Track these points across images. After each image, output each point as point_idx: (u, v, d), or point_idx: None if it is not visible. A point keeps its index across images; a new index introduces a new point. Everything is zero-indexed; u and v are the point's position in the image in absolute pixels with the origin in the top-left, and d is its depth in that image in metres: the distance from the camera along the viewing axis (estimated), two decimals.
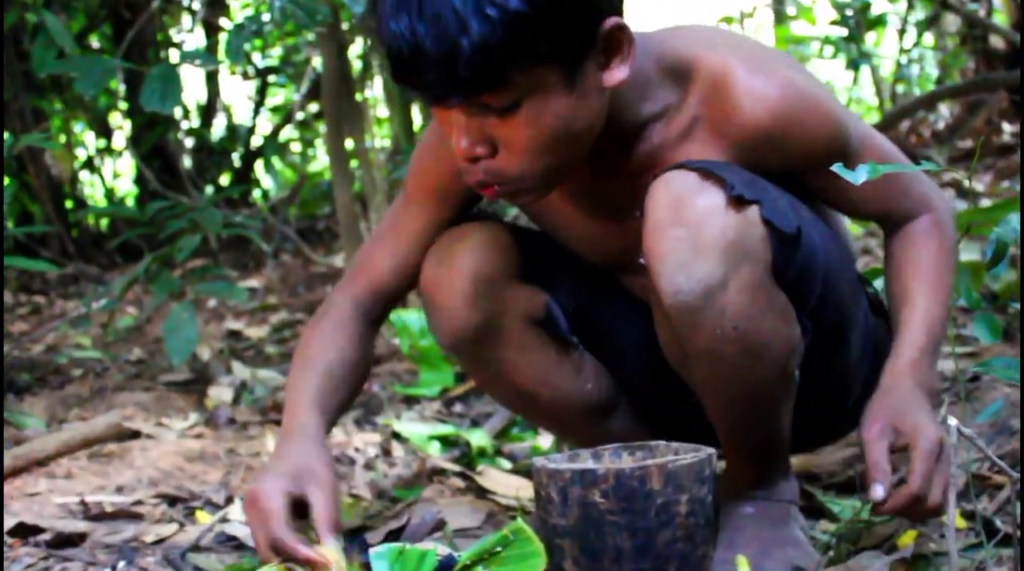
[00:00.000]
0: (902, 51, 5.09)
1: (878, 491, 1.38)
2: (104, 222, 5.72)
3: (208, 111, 6.07)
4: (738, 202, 1.35)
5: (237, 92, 6.53)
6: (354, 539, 1.35)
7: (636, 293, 1.67)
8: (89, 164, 5.62)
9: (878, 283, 1.71)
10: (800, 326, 1.46)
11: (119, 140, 5.64)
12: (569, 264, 1.68)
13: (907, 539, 1.57)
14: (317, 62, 4.52)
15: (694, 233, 1.34)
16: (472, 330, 1.57)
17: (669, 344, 1.49)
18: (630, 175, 1.50)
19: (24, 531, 1.85)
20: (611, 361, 1.71)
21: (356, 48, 4.57)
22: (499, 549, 1.30)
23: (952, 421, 1.25)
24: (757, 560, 1.49)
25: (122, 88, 5.39)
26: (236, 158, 6.01)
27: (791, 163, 1.47)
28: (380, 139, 5.59)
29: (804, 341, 1.47)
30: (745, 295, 1.36)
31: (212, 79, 5.94)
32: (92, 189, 6.12)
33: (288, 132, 6.21)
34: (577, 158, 1.43)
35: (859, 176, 1.19)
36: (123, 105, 5.53)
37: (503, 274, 1.59)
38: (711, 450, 1.34)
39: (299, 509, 1.40)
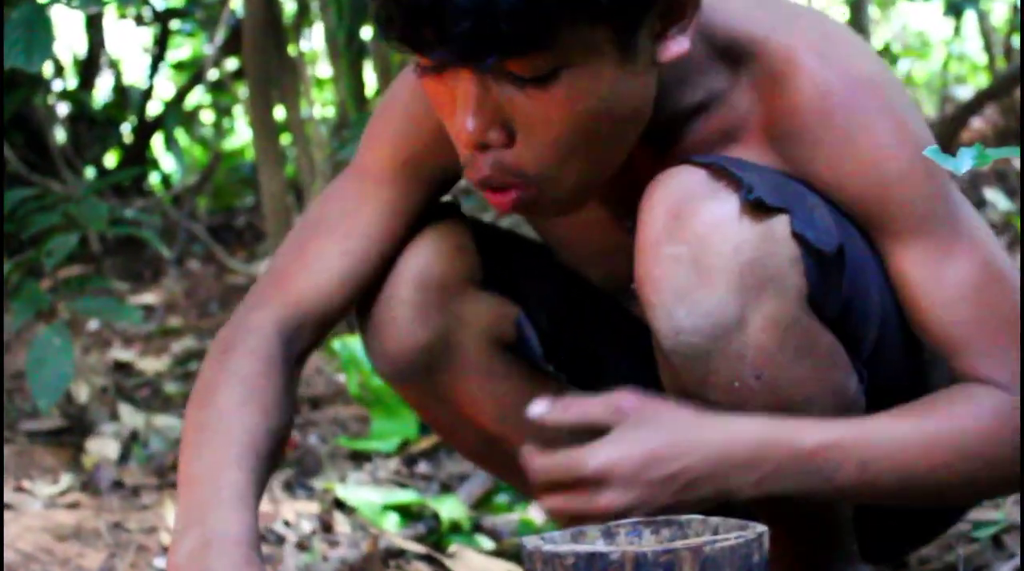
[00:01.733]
0: None
1: (537, 407, 1.42)
2: None
3: (89, 67, 6.06)
4: (759, 209, 1.35)
5: (128, 43, 6.53)
6: None
7: (645, 319, 1.68)
8: None
9: None
10: (856, 375, 1.46)
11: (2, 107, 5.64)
12: (546, 272, 1.68)
13: None
14: (236, 3, 4.53)
15: (698, 251, 1.34)
16: (420, 352, 1.58)
17: (676, 396, 1.49)
18: (654, 176, 1.50)
19: None
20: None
21: None
22: None
23: None
24: None
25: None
26: (126, 131, 6.00)
27: (852, 199, 1.44)
28: (321, 107, 5.60)
29: (862, 394, 1.47)
30: (771, 334, 1.37)
31: (94, 24, 5.94)
32: None
33: (197, 97, 6.21)
34: (618, 155, 1.42)
35: (962, 163, 1.18)
36: None
37: (460, 280, 1.60)
38: (762, 528, 1.33)
39: None
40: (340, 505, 2.54)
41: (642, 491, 1.40)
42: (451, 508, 2.39)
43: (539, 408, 1.43)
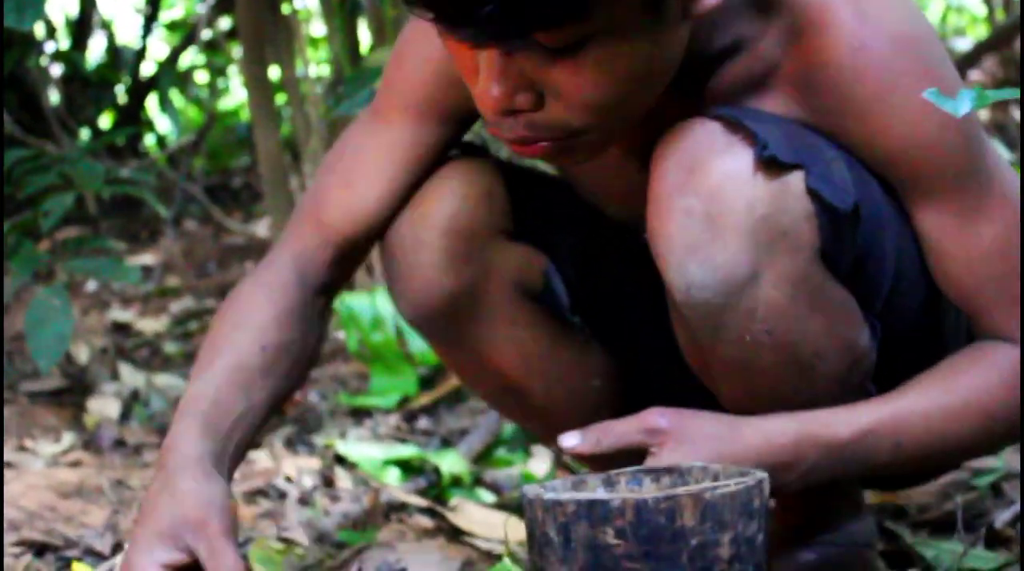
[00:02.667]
0: None
1: (570, 439, 1.42)
2: None
3: (81, 28, 6.04)
4: (773, 165, 1.34)
5: (120, 3, 6.51)
6: None
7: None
8: None
9: None
10: (869, 328, 1.47)
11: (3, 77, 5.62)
12: (575, 219, 1.68)
13: None
14: None
15: (711, 206, 1.33)
16: (445, 299, 1.58)
17: (689, 350, 1.50)
18: (680, 120, 1.49)
19: None
20: (625, 352, 1.73)
21: None
22: None
23: None
24: None
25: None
26: (120, 92, 5.99)
27: (875, 155, 1.44)
28: (316, 66, 5.58)
29: (873, 349, 1.48)
30: (783, 290, 1.37)
31: None
32: None
33: (191, 57, 6.19)
34: (647, 106, 1.40)
35: (960, 106, 1.18)
36: None
37: (488, 227, 1.60)
38: (762, 474, 1.34)
39: None
40: (341, 461, 2.55)
41: None
42: (452, 462, 2.40)
43: (571, 440, 1.43)
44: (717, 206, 1.33)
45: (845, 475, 1.48)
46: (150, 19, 6.00)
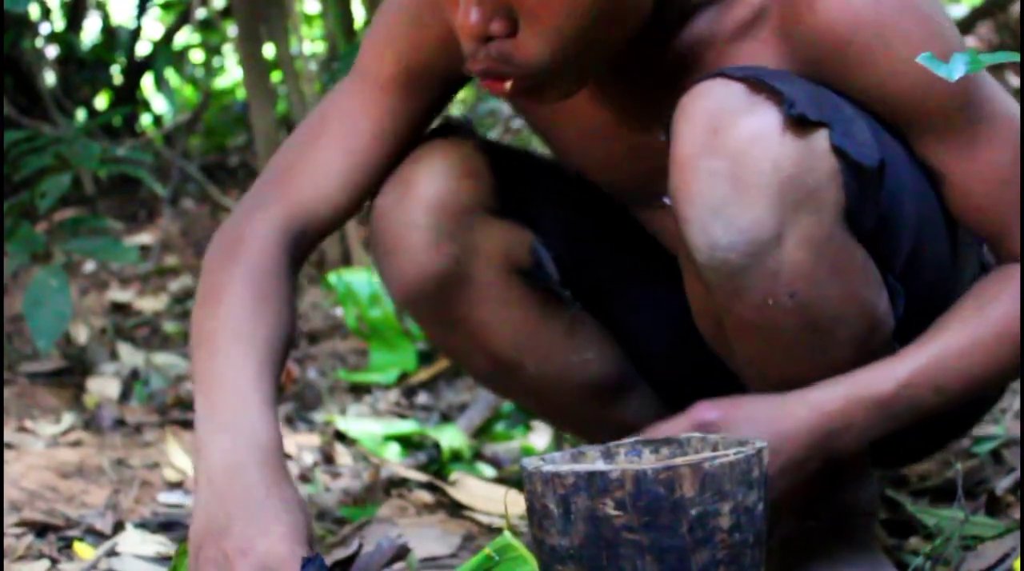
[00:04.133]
0: None
1: None
2: None
3: (76, 9, 6.03)
4: (799, 124, 1.33)
5: None
6: (309, 562, 1.35)
7: (659, 237, 1.67)
8: None
9: None
10: (888, 292, 1.46)
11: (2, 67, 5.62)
12: (562, 195, 1.68)
13: None
14: None
15: (736, 166, 1.32)
16: (435, 279, 1.58)
17: (703, 313, 1.49)
18: (667, 74, 1.49)
19: None
20: (617, 325, 1.72)
21: None
22: None
23: None
24: None
25: None
26: (116, 72, 5.98)
27: (876, 103, 1.44)
28: (310, 43, 5.58)
29: (895, 312, 1.47)
30: (806, 252, 1.36)
31: None
32: None
33: (186, 36, 6.19)
34: (618, 42, 1.41)
35: (954, 69, 1.18)
36: None
37: (475, 206, 1.59)
38: (761, 443, 1.34)
39: None
40: (341, 437, 2.56)
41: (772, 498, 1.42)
42: (451, 437, 2.40)
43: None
44: (742, 167, 1.32)
45: (896, 428, 1.48)
46: None
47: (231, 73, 6.53)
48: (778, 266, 1.35)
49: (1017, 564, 1.58)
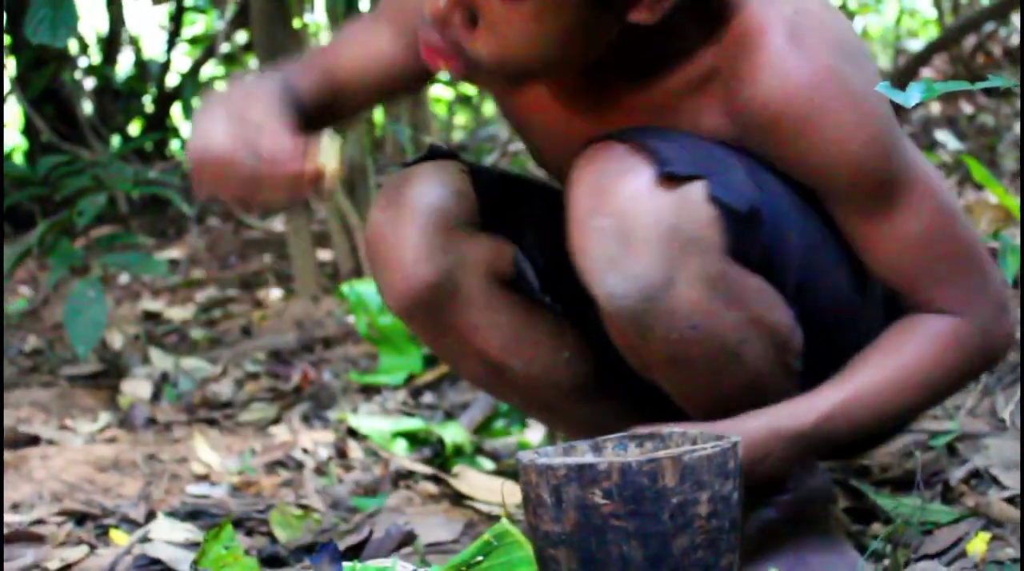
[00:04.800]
0: None
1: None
2: None
3: (111, 44, 6.03)
4: (673, 180, 1.36)
5: (146, 20, 6.49)
6: (323, 548, 1.36)
7: None
8: None
9: None
10: (789, 308, 1.48)
11: (2, 82, 5.61)
12: (540, 210, 1.68)
13: (979, 543, 1.59)
14: None
15: (622, 222, 1.35)
16: (425, 289, 1.58)
17: (627, 353, 1.50)
18: (627, 110, 1.50)
19: None
20: (594, 327, 1.72)
21: None
22: (480, 559, 1.31)
23: None
24: (790, 570, 1.51)
25: (3, 17, 5.36)
26: (148, 101, 5.98)
27: (803, 175, 1.45)
28: None
29: (798, 327, 1.49)
30: (698, 289, 1.38)
31: (114, 4, 5.90)
32: None
33: (211, 68, 6.18)
34: (559, 73, 1.45)
35: (910, 97, 1.18)
36: (5, 39, 5.50)
37: (461, 223, 1.60)
38: (736, 438, 1.35)
39: None
40: (353, 433, 2.55)
41: None
42: (454, 433, 2.39)
43: None
44: (627, 222, 1.35)
45: (811, 457, 1.51)
46: (174, 35, 5.99)
47: None
48: (674, 305, 1.37)
49: (970, 546, 1.59)
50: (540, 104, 1.59)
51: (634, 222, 1.34)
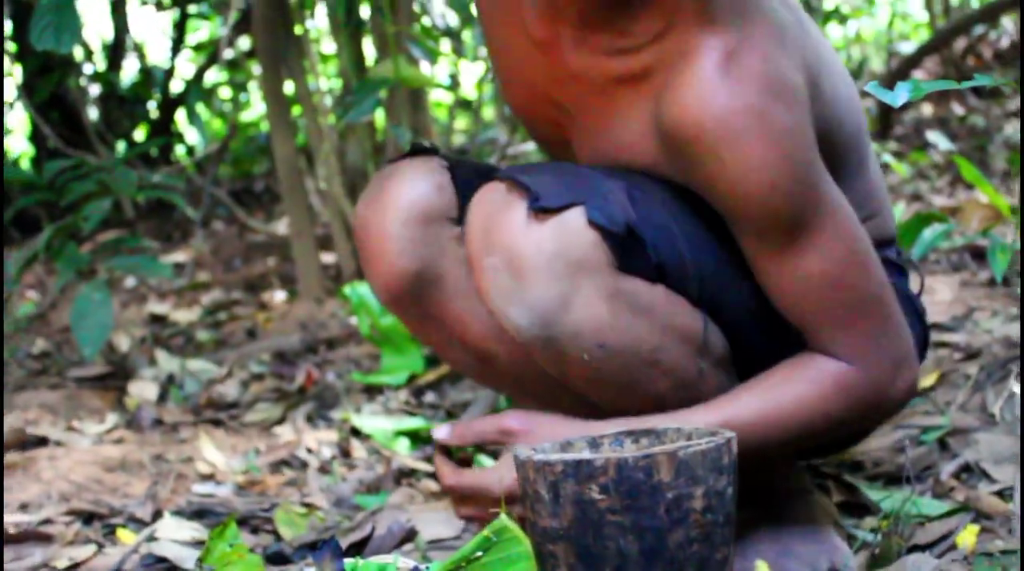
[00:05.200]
0: None
1: (441, 431, 1.56)
2: None
3: (116, 51, 6.04)
4: (547, 212, 1.38)
5: (150, 27, 6.50)
6: (325, 544, 1.36)
7: None
8: None
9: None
10: (702, 317, 1.49)
11: (8, 89, 5.61)
12: None
13: (968, 536, 1.59)
14: None
15: (509, 257, 1.39)
16: (410, 279, 1.61)
17: (559, 378, 1.52)
18: (574, 73, 1.51)
19: None
20: None
21: None
22: (479, 554, 1.31)
23: (1019, 390, 1.27)
24: (778, 562, 1.52)
25: (8, 25, 5.36)
26: (152, 107, 5.99)
27: (711, 199, 1.44)
28: (326, 80, 5.58)
29: (715, 329, 1.49)
30: (598, 307, 1.40)
31: (119, 11, 5.91)
32: None
33: (214, 74, 6.19)
34: None
35: (898, 96, 1.18)
36: (11, 46, 5.50)
37: (442, 215, 1.62)
38: (730, 434, 1.35)
39: None
40: (356, 433, 2.56)
41: None
42: None
43: (441, 433, 1.57)
44: (512, 257, 1.38)
45: None
46: (177, 41, 6.00)
47: (255, 107, 6.53)
48: (577, 327, 1.40)
49: (959, 539, 1.59)
50: (515, 40, 1.58)
51: (519, 254, 1.38)
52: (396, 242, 1.59)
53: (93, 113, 5.61)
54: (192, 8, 5.87)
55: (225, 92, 6.47)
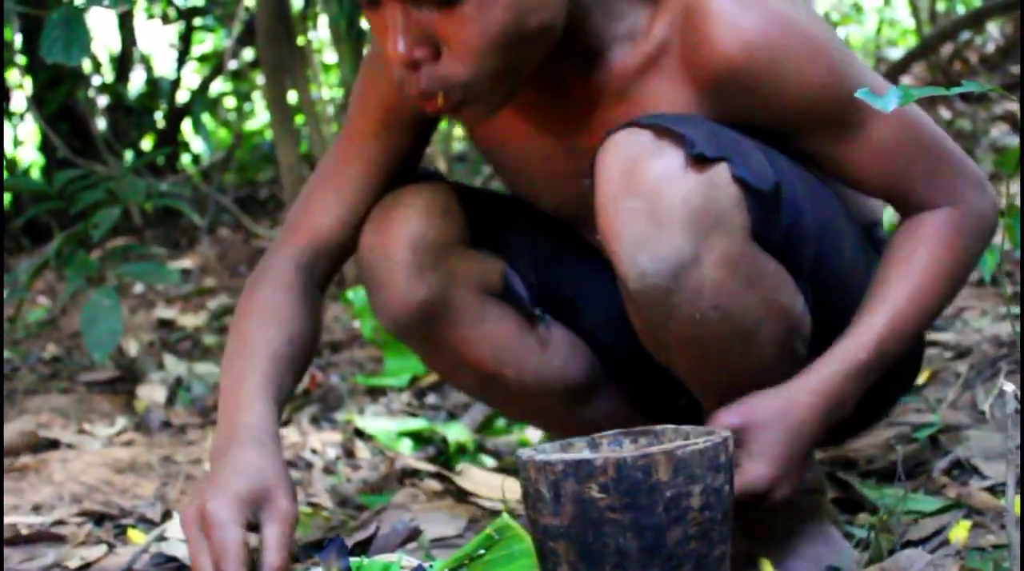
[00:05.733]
0: None
1: None
2: (5, 198, 5.71)
3: (123, 63, 6.03)
4: (700, 161, 1.35)
5: (157, 39, 6.50)
6: (331, 543, 1.36)
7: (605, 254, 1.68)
8: None
9: None
10: (801, 296, 1.47)
11: (19, 101, 5.61)
12: (525, 225, 1.68)
13: (960, 531, 1.59)
14: (250, 0, 4.51)
15: (651, 204, 1.34)
16: (417, 307, 1.58)
17: (645, 334, 1.49)
18: (588, 103, 1.50)
19: None
20: (585, 332, 1.72)
21: None
22: (482, 552, 1.31)
23: (1009, 388, 1.27)
24: (783, 559, 1.51)
25: (18, 38, 5.36)
26: (159, 117, 5.98)
27: (773, 117, 1.46)
28: (328, 89, 5.58)
29: (807, 312, 1.49)
30: (723, 269, 1.37)
31: (126, 24, 5.91)
32: None
33: (219, 85, 6.19)
34: (531, 63, 1.42)
35: (889, 102, 1.19)
36: (21, 59, 5.50)
37: (450, 240, 1.60)
38: (727, 433, 1.34)
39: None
40: (360, 434, 2.55)
41: (795, 474, 1.45)
42: (457, 432, 2.40)
43: None
44: (657, 203, 1.34)
45: (871, 384, 1.51)
46: (183, 53, 6.00)
47: (260, 117, 6.53)
48: (700, 285, 1.36)
49: (952, 534, 1.59)
50: (512, 130, 1.59)
51: (664, 203, 1.33)
52: (404, 271, 1.56)
53: (101, 124, 5.60)
54: (197, 21, 5.87)
55: (230, 102, 6.47)
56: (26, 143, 6.11)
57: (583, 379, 1.71)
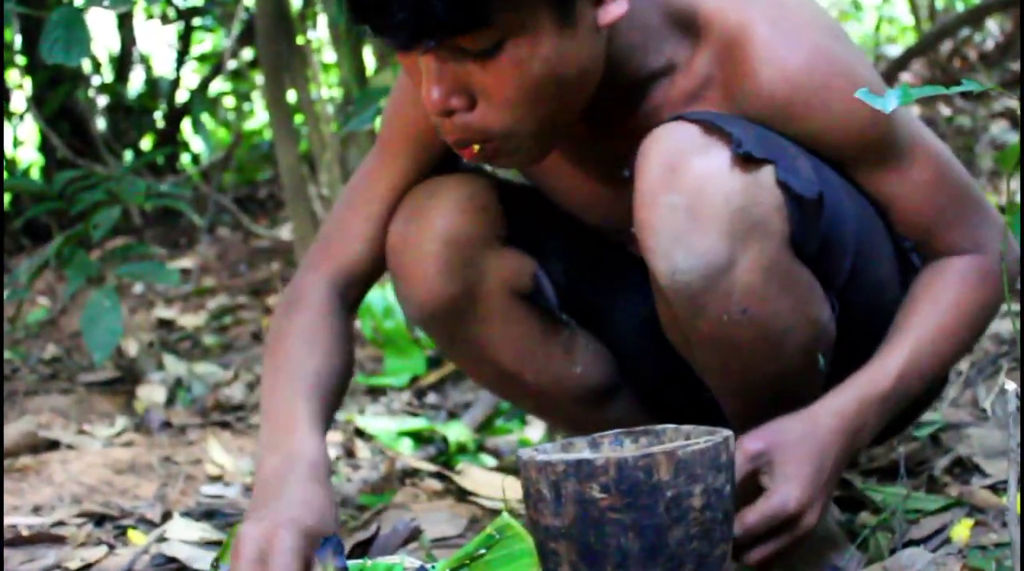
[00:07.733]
0: None
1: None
2: (5, 198, 5.70)
3: (123, 63, 6.03)
4: (747, 161, 1.33)
5: (156, 39, 6.50)
6: (327, 542, 1.35)
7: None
8: None
9: None
10: (829, 306, 1.47)
11: (18, 101, 5.61)
12: (561, 226, 1.67)
13: (962, 530, 1.59)
14: (249, 0, 4.50)
15: (692, 200, 1.32)
16: (446, 302, 1.57)
17: (671, 326, 1.49)
18: (631, 137, 1.47)
19: None
20: (609, 339, 1.72)
21: None
22: (483, 551, 1.30)
23: (1011, 386, 1.26)
24: (785, 558, 1.50)
25: (18, 39, 5.36)
26: (158, 117, 5.98)
27: (821, 149, 1.45)
28: (327, 89, 5.57)
29: (833, 322, 1.48)
30: (757, 274, 1.36)
31: (126, 25, 5.90)
32: None
33: (219, 85, 6.18)
34: (572, 111, 1.40)
35: (888, 102, 1.19)
36: (21, 59, 5.49)
37: (484, 237, 1.58)
38: (727, 432, 1.34)
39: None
40: (360, 434, 2.55)
41: (823, 499, 1.44)
42: (457, 432, 2.39)
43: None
44: (698, 200, 1.32)
45: (892, 416, 1.51)
46: (182, 53, 5.99)
47: (259, 116, 6.53)
48: (731, 287, 1.35)
49: (953, 532, 1.59)
50: (560, 173, 1.58)
51: (706, 200, 1.32)
52: (435, 263, 1.55)
53: (101, 124, 5.60)
54: (196, 21, 5.87)
55: (229, 102, 6.47)
56: (26, 143, 6.10)
57: (602, 386, 1.71)
